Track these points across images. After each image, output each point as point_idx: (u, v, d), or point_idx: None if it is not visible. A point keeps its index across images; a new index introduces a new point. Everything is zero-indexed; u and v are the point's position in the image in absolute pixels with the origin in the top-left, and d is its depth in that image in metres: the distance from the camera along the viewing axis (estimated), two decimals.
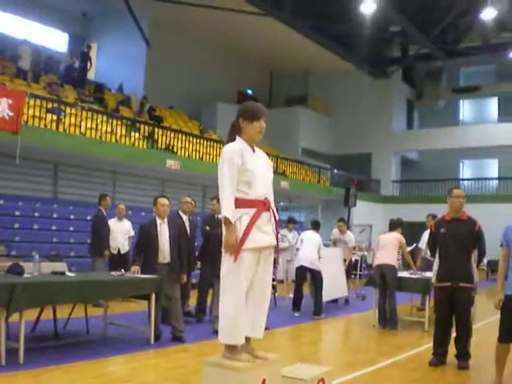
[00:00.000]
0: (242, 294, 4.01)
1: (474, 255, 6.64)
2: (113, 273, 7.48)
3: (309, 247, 10.54)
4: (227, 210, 3.95)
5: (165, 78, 23.49)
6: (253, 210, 4.04)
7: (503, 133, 26.80)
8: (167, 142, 18.01)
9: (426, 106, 31.28)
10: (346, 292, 12.43)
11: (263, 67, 29.75)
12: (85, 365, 5.88)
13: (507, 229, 5.63)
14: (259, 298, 4.14)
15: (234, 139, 4.19)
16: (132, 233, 11.42)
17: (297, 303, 10.49)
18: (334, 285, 11.52)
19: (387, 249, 9.59)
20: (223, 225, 4.02)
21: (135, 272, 7.13)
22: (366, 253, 17.45)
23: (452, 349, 6.61)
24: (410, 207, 26.69)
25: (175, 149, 18.06)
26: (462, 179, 29.86)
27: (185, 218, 8.81)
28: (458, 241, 6.38)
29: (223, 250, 4.08)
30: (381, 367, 6.53)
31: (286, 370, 4.48)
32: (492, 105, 30.78)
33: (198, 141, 19.50)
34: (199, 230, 9.49)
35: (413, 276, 9.59)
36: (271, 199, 4.20)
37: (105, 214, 10.85)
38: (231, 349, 4.08)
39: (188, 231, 8.72)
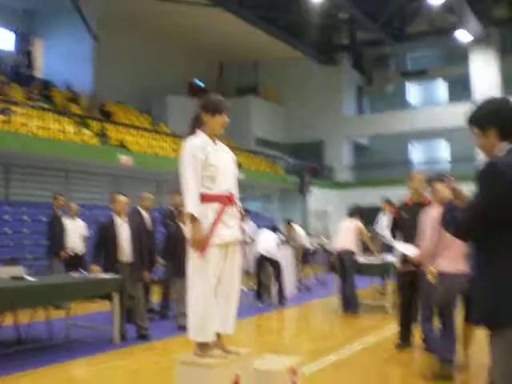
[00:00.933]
0: (211, 290, 3.98)
1: None
2: (73, 274, 7.32)
3: (266, 239, 10.64)
4: (192, 206, 3.91)
5: (113, 72, 23.08)
6: (218, 205, 4.02)
7: (452, 114, 27.31)
8: (119, 138, 17.75)
9: (375, 91, 31.60)
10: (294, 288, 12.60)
11: (213, 58, 29.54)
12: (51, 369, 5.77)
13: None
14: (228, 293, 4.12)
15: (194, 132, 4.14)
16: (86, 233, 11.22)
17: (259, 293, 10.54)
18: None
19: (345, 235, 9.70)
20: (188, 221, 3.98)
21: (96, 272, 7.00)
22: (325, 240, 17.58)
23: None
24: (364, 191, 27.01)
25: (128, 144, 17.81)
26: (413, 161, 30.37)
27: (145, 214, 8.70)
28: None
29: (189, 247, 4.04)
30: (348, 353, 6.60)
31: (256, 363, 4.48)
32: (440, 87, 31.30)
33: (150, 135, 19.29)
34: (158, 226, 9.42)
35: (372, 260, 9.73)
36: (235, 193, 4.18)
37: (59, 214, 10.63)
38: (202, 346, 4.05)
39: (149, 227, 8.63)
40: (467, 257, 5.35)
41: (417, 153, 31.64)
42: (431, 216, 5.53)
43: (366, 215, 11.18)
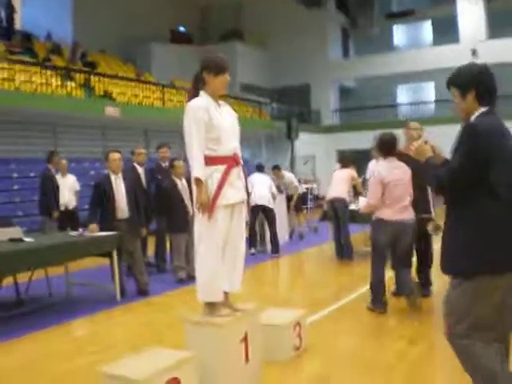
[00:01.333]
0: (218, 251, 3.98)
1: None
2: (72, 233, 7.30)
3: (261, 187, 10.61)
4: (198, 169, 3.88)
5: (94, 20, 22.48)
6: (223, 167, 3.98)
7: (438, 56, 27.11)
8: (104, 89, 17.47)
9: (360, 33, 31.20)
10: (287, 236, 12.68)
11: (194, 3, 28.97)
12: (54, 330, 5.82)
13: None
14: (234, 253, 4.13)
15: (197, 93, 4.07)
16: (78, 187, 11.15)
17: (252, 240, 10.63)
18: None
19: (338, 184, 9.73)
20: (194, 184, 3.95)
21: (93, 230, 7.00)
22: (314, 185, 17.62)
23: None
24: (351, 135, 27.05)
25: (113, 95, 17.56)
26: (400, 104, 30.32)
27: (140, 170, 8.64)
28: (415, 173, 6.46)
29: (195, 209, 4.03)
30: (347, 302, 6.72)
31: (262, 318, 4.54)
32: (426, 28, 30.95)
33: (135, 85, 19.00)
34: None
35: None
36: (239, 153, 4.15)
37: (53, 172, 10.49)
38: (211, 305, 4.08)
39: (144, 183, 8.59)
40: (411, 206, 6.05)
41: (404, 95, 31.52)
42: (372, 171, 5.81)
43: (354, 158, 11.19)
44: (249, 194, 4.36)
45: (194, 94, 4.06)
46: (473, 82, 3.04)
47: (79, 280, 7.74)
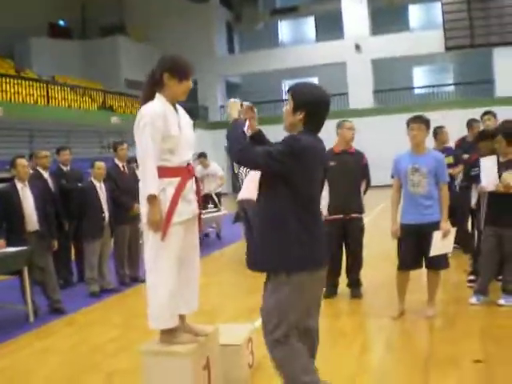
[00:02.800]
0: (173, 273, 3.57)
1: (362, 186, 6.65)
2: None
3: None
4: (152, 185, 3.44)
5: None
6: (177, 180, 3.57)
7: (322, 51, 27.65)
8: None
9: (245, 28, 31.23)
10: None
11: None
12: None
13: (396, 160, 5.69)
14: (190, 270, 3.75)
15: (153, 95, 3.61)
16: None
17: None
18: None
19: (246, 185, 9.36)
20: (145, 201, 3.49)
21: (1, 247, 6.28)
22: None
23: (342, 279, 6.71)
24: None
25: None
26: (284, 100, 30.62)
27: (46, 175, 7.89)
28: (349, 173, 6.34)
29: (145, 227, 3.58)
30: None
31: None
32: (310, 24, 31.47)
33: (16, 81, 17.78)
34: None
35: None
36: (192, 163, 3.74)
37: None
38: (168, 332, 3.66)
39: (52, 189, 7.85)
40: None
41: None
42: None
43: None
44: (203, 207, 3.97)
45: (149, 96, 3.61)
46: (307, 104, 3.16)
47: None
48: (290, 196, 3.14)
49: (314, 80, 30.87)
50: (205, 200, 11.16)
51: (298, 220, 3.16)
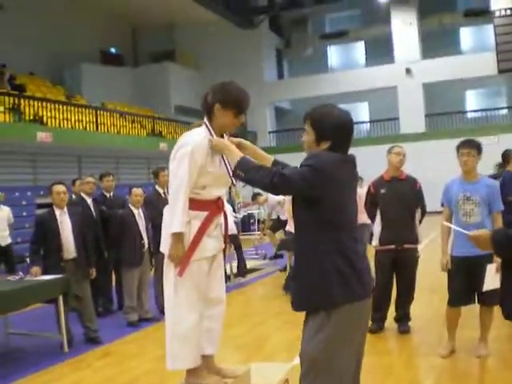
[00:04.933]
0: (195, 308, 3.32)
1: (417, 215, 6.32)
2: (10, 278, 6.39)
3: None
4: (179, 220, 3.17)
5: (22, 42, 21.28)
6: (204, 214, 3.32)
7: (372, 76, 27.36)
8: (34, 113, 16.44)
9: (294, 54, 31.22)
10: None
11: (125, 23, 28.13)
12: None
13: (446, 187, 5.37)
14: (214, 309, 3.49)
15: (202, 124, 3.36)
16: (12, 219, 10.21)
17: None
18: None
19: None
20: (169, 236, 3.26)
21: (36, 274, 6.18)
22: (258, 209, 16.98)
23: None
24: (288, 156, 26.60)
25: (44, 119, 16.54)
26: None
27: (89, 201, 7.83)
28: (401, 201, 6.05)
29: (166, 260, 3.35)
30: None
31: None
32: (359, 49, 31.24)
33: (66, 108, 18.03)
34: None
35: None
36: (223, 197, 3.49)
37: None
38: (194, 374, 3.40)
39: (95, 215, 7.78)
40: None
41: None
42: None
43: None
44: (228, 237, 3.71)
45: (200, 124, 3.38)
46: (332, 133, 2.92)
47: (19, 326, 6.85)
48: (323, 220, 2.86)
49: (364, 105, 30.60)
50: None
51: (336, 249, 2.86)
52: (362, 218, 6.00)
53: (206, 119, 3.34)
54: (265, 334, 6.87)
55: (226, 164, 3.29)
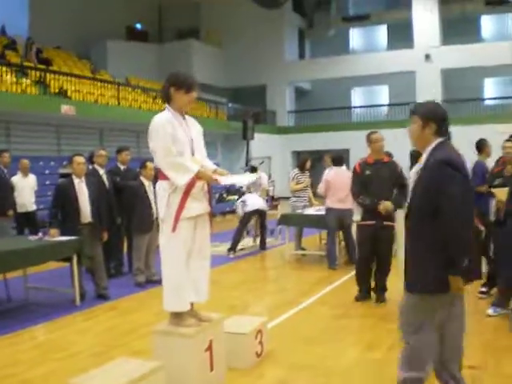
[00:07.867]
0: (183, 261, 4.10)
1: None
2: (31, 237, 7.22)
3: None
4: (188, 167, 4.00)
5: (50, 16, 22.16)
6: None
7: (392, 60, 27.66)
8: (59, 86, 17.24)
9: (316, 35, 31.57)
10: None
11: (151, 0, 28.79)
12: (15, 336, 5.80)
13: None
14: (200, 263, 4.24)
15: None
16: (36, 187, 10.99)
17: (234, 245, 10.88)
18: None
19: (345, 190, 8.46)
20: (161, 195, 4.09)
21: (54, 235, 6.98)
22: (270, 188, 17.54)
23: None
24: (306, 136, 27.38)
25: (68, 92, 17.34)
26: (354, 107, 30.73)
27: (102, 171, 8.59)
28: (383, 182, 6.69)
29: (161, 221, 4.13)
30: (306, 306, 6.88)
31: (225, 325, 4.64)
32: (381, 33, 31.48)
33: (91, 82, 18.81)
34: None
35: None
36: (206, 163, 4.25)
37: (4, 171, 10.16)
38: (177, 315, 4.19)
39: (107, 185, 8.55)
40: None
41: (358, 98, 31.95)
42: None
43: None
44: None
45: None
46: (434, 114, 3.36)
47: (37, 283, 7.69)
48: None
49: (384, 88, 30.91)
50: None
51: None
52: None
53: (166, 105, 4.20)
54: (256, 298, 7.63)
55: (186, 132, 4.15)
